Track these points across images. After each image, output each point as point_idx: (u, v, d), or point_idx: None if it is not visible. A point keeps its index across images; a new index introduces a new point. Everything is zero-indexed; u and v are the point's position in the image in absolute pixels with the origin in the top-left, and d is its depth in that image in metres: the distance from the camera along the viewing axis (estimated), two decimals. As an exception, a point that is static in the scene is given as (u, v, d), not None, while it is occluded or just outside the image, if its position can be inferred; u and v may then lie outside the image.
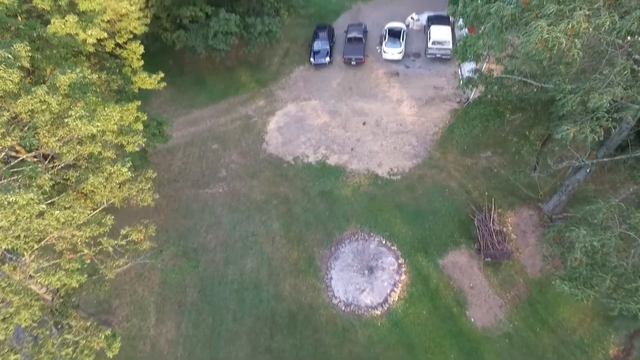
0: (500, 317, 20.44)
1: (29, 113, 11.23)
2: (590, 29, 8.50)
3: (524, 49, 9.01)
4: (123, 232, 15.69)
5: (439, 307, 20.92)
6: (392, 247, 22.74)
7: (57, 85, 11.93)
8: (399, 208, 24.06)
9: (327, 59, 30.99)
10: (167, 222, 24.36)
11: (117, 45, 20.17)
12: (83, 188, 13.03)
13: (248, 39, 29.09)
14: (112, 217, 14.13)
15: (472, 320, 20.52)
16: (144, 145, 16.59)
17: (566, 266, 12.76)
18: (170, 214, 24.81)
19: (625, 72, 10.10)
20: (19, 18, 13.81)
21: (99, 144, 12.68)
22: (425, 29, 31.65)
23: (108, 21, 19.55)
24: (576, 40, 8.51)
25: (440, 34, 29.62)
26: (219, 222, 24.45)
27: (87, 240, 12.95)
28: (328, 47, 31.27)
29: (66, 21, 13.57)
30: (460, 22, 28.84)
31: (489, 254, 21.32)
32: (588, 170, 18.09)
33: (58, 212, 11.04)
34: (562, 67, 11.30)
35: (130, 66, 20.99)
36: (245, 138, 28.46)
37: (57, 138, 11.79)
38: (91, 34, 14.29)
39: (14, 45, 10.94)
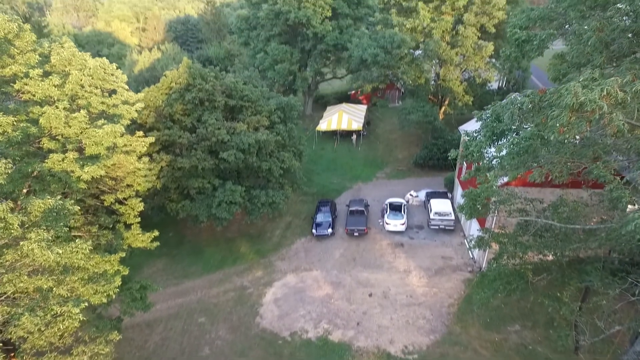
0: None
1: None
2: (629, 98, 7.68)
3: (558, 122, 7.97)
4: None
5: None
6: None
7: (29, 210, 10.74)
8: (421, 397, 19.10)
9: (330, 230, 30.71)
10: (124, 415, 19.05)
11: (117, 200, 19.88)
12: (11, 333, 10.01)
13: (251, 209, 29.36)
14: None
15: None
16: (112, 295, 13.99)
17: None
18: (131, 404, 19.66)
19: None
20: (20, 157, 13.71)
21: (53, 278, 10.46)
22: (425, 204, 32.41)
23: (114, 178, 19.90)
24: (616, 111, 7.58)
25: (441, 205, 30.08)
26: (190, 417, 19.10)
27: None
28: (330, 219, 31.42)
29: (65, 157, 13.46)
30: (459, 191, 29.83)
31: None
32: (649, 338, 14.76)
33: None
34: (601, 164, 10.04)
35: (125, 222, 20.20)
36: (237, 311, 25.33)
37: (-1, 262, 9.73)
38: (87, 171, 13.96)
39: (-5, 161, 10.32)
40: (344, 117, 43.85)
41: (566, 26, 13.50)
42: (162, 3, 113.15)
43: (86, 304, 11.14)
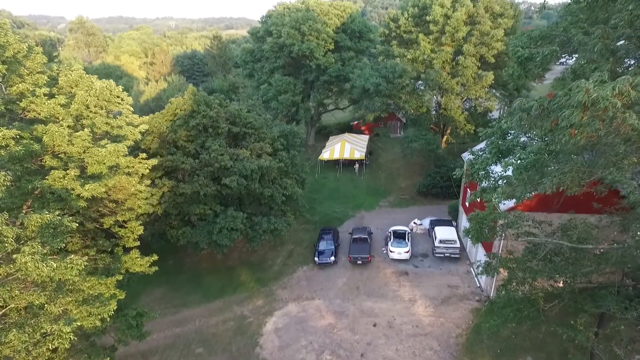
0: None
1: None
2: (642, 97, 7.43)
3: (570, 121, 7.69)
4: None
5: None
6: None
7: (26, 224, 10.46)
8: None
9: (332, 258, 30.08)
10: None
11: (117, 223, 19.57)
12: (-1, 351, 9.47)
13: (252, 236, 28.87)
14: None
15: None
16: (107, 318, 13.34)
17: None
18: None
19: None
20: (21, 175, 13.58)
21: (46, 293, 10.02)
22: (430, 231, 31.91)
23: (115, 201, 19.69)
24: (630, 111, 7.29)
25: (446, 233, 29.56)
26: None
27: None
28: (333, 247, 30.85)
29: (66, 174, 13.32)
30: (464, 218, 29.34)
31: None
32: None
33: None
34: (615, 170, 9.62)
35: (124, 246, 19.79)
36: (237, 341, 24.35)
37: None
38: (88, 189, 13.76)
39: (-7, 174, 10.16)
40: (346, 147, 44.08)
41: (566, 47, 13.66)
42: (170, 40, 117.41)
43: (78, 324, 10.65)
